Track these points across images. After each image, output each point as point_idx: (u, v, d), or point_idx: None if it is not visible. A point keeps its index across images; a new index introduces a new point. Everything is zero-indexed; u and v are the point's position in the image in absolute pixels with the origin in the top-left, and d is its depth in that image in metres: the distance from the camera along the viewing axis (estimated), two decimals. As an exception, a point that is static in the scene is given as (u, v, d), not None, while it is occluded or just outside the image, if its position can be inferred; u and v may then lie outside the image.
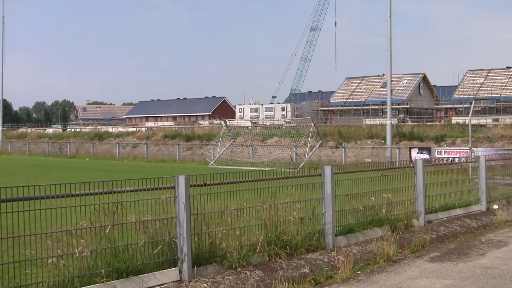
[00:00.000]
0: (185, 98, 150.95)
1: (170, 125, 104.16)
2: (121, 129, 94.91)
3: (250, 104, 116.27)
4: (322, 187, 12.28)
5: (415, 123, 68.34)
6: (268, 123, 74.50)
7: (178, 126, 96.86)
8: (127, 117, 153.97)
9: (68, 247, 8.60)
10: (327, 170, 12.32)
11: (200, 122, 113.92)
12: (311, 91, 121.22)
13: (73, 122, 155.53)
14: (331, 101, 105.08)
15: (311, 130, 39.43)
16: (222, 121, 51.46)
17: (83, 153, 61.22)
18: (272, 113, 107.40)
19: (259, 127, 64.88)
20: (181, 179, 9.71)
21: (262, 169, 14.70)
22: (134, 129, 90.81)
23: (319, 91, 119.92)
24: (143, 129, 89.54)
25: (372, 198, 13.63)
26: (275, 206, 11.40)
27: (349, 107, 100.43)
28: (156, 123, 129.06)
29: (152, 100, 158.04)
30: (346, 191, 13.16)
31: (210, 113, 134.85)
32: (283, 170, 13.19)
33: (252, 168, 33.83)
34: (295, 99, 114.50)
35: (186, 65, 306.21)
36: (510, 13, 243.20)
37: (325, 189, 12.25)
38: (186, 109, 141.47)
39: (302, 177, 12.55)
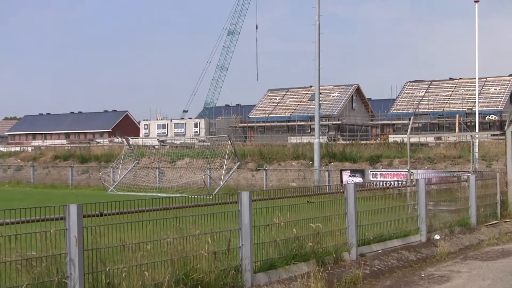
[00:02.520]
0: (80, 112, 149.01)
1: (62, 144, 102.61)
2: (2, 148, 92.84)
3: (157, 119, 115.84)
4: (238, 216, 12.33)
5: (348, 142, 69.52)
6: (178, 142, 74.38)
7: (71, 145, 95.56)
8: (9, 134, 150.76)
9: None
10: (245, 196, 12.39)
11: (98, 140, 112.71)
12: (228, 105, 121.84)
13: None
14: (251, 116, 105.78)
15: (227, 149, 39.51)
16: (124, 139, 50.92)
17: (-46, 177, 59.48)
18: (183, 130, 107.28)
19: (168, 146, 64.72)
20: (73, 209, 9.59)
21: (171, 195, 14.69)
22: (18, 149, 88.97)
23: (238, 105, 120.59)
24: (29, 149, 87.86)
25: (296, 228, 13.76)
26: (185, 239, 11.39)
27: (272, 123, 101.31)
28: (45, 141, 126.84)
29: (41, 114, 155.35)
30: (267, 220, 13.25)
31: (110, 130, 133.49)
32: (194, 196, 13.19)
33: (159, 194, 33.67)
34: (210, 114, 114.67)
35: (81, 73, 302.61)
36: (453, 18, 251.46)
37: (242, 219, 12.30)
38: (81, 125, 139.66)
39: (217, 205, 12.58)
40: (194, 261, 11.34)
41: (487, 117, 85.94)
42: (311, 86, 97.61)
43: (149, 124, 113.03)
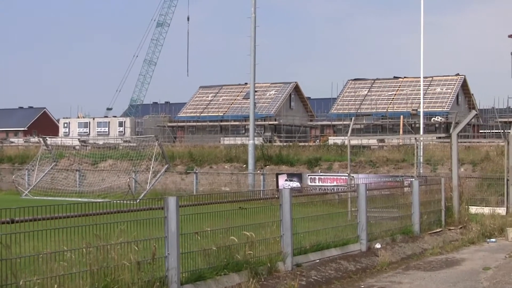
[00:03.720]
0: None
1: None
2: None
3: (79, 117, 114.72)
4: (165, 224, 12.29)
5: (285, 144, 69.82)
6: (101, 142, 73.71)
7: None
8: None
9: None
10: (172, 202, 12.35)
11: (11, 139, 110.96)
12: (156, 103, 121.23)
13: None
14: (180, 115, 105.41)
15: (155, 151, 39.37)
16: (41, 139, 50.28)
17: None
18: (107, 129, 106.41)
19: (90, 147, 64.06)
20: (-19, 215, 9.45)
21: (92, 200, 14.55)
22: None
23: (167, 103, 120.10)
24: None
25: (228, 236, 13.78)
26: (105, 248, 11.31)
27: (204, 123, 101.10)
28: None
29: None
30: (196, 228, 13.24)
31: (26, 128, 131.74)
32: (118, 201, 13.11)
33: (79, 199, 33.34)
34: (136, 112, 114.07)
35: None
36: (397, 14, 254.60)
37: (169, 226, 12.27)
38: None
39: (142, 211, 12.52)
40: (115, 272, 11.27)
41: (432, 119, 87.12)
42: (246, 84, 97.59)
43: (69, 122, 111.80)
